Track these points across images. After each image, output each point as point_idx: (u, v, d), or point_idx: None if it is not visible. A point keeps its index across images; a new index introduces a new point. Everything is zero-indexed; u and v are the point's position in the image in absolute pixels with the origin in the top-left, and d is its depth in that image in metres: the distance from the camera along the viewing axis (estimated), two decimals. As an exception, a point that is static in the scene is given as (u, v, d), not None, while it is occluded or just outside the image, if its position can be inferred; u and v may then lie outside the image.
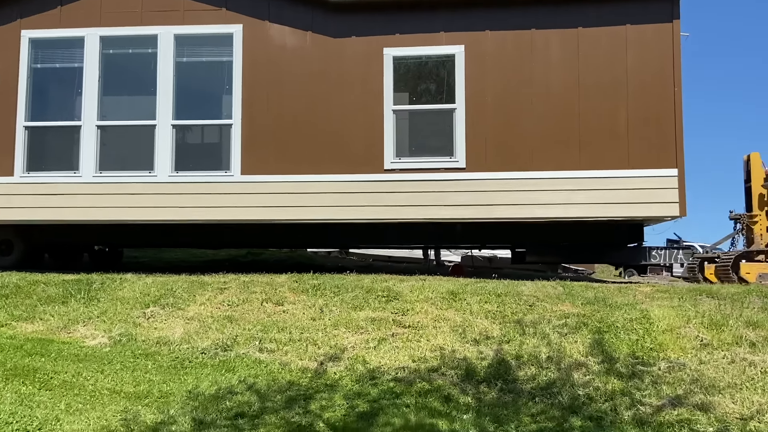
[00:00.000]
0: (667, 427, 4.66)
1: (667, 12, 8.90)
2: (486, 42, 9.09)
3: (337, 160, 9.03)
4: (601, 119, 8.89)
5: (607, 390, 5.21)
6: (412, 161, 9.04)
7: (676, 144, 8.77)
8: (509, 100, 9.03)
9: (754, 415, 4.79)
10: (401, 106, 9.18)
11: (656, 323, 6.32)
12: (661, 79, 8.85)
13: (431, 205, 8.88)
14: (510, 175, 8.87)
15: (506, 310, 6.76)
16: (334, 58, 9.19)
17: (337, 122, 9.10)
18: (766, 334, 6.00)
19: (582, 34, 9.00)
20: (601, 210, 8.80)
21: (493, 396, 5.20)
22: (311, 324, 6.53)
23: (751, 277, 10.17)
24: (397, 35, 9.19)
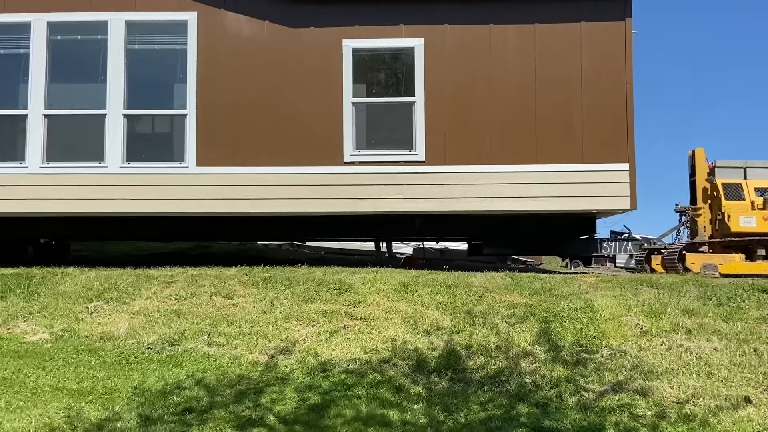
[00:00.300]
0: (608, 412, 4.83)
1: (619, 10, 9.13)
2: (445, 36, 9.12)
3: (296, 152, 8.91)
4: (556, 114, 9.05)
5: (552, 377, 5.36)
6: (371, 154, 9.01)
7: (627, 139, 9.01)
8: (468, 94, 9.09)
9: (690, 398, 5.02)
10: (361, 99, 9.15)
11: (599, 312, 6.53)
12: (613, 75, 9.06)
13: (391, 198, 8.88)
14: (469, 168, 8.95)
15: (457, 302, 6.86)
16: (293, 48, 9.06)
17: (296, 114, 8.99)
18: (701, 322, 6.28)
19: (539, 30, 9.13)
20: (556, 203, 8.98)
21: (444, 385, 5.28)
22: (262, 317, 6.47)
23: (696, 268, 10.58)
24: (357, 27, 9.12)
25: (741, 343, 5.83)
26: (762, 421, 4.70)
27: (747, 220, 10.82)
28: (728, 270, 10.36)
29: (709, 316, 6.41)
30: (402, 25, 9.12)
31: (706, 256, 10.91)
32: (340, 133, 8.96)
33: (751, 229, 10.80)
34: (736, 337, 5.96)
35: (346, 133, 8.96)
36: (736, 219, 10.84)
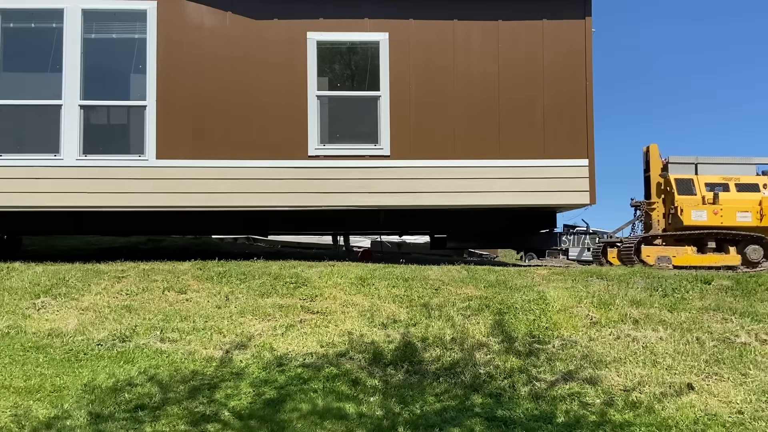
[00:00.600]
0: (559, 401, 4.96)
1: (579, 9, 9.31)
2: (410, 31, 9.13)
3: (260, 145, 8.81)
4: (519, 110, 9.19)
5: (506, 368, 5.47)
6: (336, 148, 8.98)
7: (587, 135, 9.21)
8: (433, 89, 9.14)
9: (636, 386, 5.19)
10: (325, 92, 9.12)
11: (551, 304, 6.69)
12: (574, 73, 9.24)
13: (356, 193, 8.87)
14: (434, 163, 9.03)
15: (413, 294, 6.91)
16: (256, 40, 8.94)
17: (259, 107, 8.88)
18: (647, 312, 6.50)
19: (502, 27, 9.22)
20: (519, 198, 9.13)
21: (400, 378, 5.33)
22: (216, 312, 6.39)
23: (651, 260, 10.91)
24: (321, 20, 9.06)
25: (684, 332, 6.06)
26: (703, 407, 4.90)
27: (698, 214, 11.21)
28: (681, 262, 10.75)
29: (655, 307, 6.64)
30: (367, 19, 9.10)
31: (660, 248, 11.25)
32: (305, 127, 8.90)
33: (702, 223, 11.21)
34: (680, 326, 6.19)
35: (311, 127, 8.90)
36: (688, 213, 11.23)
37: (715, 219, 11.16)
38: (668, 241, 11.49)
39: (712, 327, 6.17)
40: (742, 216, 11.17)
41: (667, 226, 11.65)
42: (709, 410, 4.85)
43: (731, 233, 11.18)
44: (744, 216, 11.16)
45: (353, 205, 8.99)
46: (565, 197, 9.24)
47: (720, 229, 11.18)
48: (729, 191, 11.42)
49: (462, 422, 4.54)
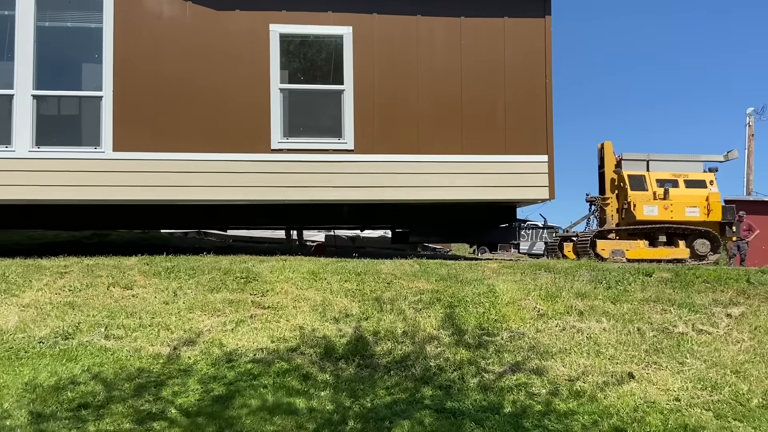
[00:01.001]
0: (507, 392, 5.07)
1: (539, 8, 9.49)
2: (373, 25, 9.13)
3: (222, 138, 8.70)
4: (481, 106, 9.30)
5: (456, 360, 5.55)
6: (300, 142, 8.92)
7: (546, 132, 9.41)
8: (397, 84, 9.17)
9: (580, 376, 5.35)
10: (289, 85, 9.03)
11: (501, 296, 6.82)
12: (534, 70, 9.42)
13: (320, 187, 8.84)
14: (398, 158, 9.06)
15: (365, 289, 6.93)
16: (217, 31, 8.81)
17: (221, 99, 8.76)
18: (592, 304, 6.70)
19: (464, 23, 9.31)
20: (481, 192, 9.27)
21: (351, 372, 5.34)
22: (164, 308, 6.26)
23: (606, 253, 11.25)
24: (284, 12, 8.97)
25: (626, 323, 6.28)
26: (643, 395, 5.10)
27: (650, 209, 11.62)
28: (634, 255, 11.13)
29: (599, 299, 6.85)
30: (330, 12, 9.06)
31: (614, 242, 11.59)
32: (268, 120, 8.82)
33: (653, 218, 11.62)
34: (623, 317, 6.41)
35: (274, 120, 8.83)
36: (640, 208, 11.62)
37: (665, 214, 11.59)
38: (622, 235, 11.86)
39: (652, 318, 6.40)
40: (691, 211, 11.65)
41: (621, 220, 12.03)
42: (648, 398, 5.04)
43: (681, 227, 11.63)
44: (692, 211, 11.64)
45: (317, 200, 8.97)
46: (525, 192, 9.44)
47: (670, 223, 11.62)
48: (678, 187, 11.88)
49: (412, 415, 4.59)
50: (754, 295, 6.86)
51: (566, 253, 12.03)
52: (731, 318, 6.34)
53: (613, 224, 12.02)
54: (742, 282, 7.21)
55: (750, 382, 5.26)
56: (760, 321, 6.26)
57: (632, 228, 11.76)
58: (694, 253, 11.54)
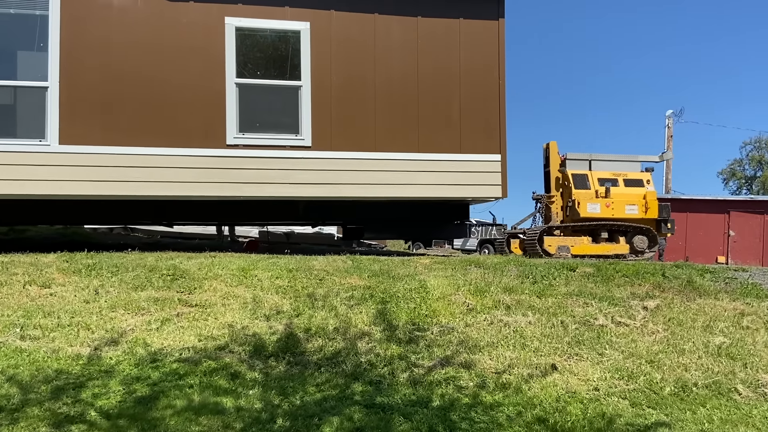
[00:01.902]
0: (436, 385, 5.15)
1: (493, 11, 9.69)
2: (331, 22, 9.10)
3: (176, 132, 8.49)
4: (437, 106, 9.43)
5: (387, 355, 5.59)
6: (256, 137, 8.81)
7: (500, 132, 9.64)
8: (354, 81, 9.17)
9: (506, 368, 5.50)
10: (245, 80, 8.88)
11: (432, 292, 6.92)
12: (488, 72, 9.62)
13: (277, 183, 8.76)
14: (355, 155, 9.09)
15: (297, 285, 6.88)
16: (170, 22, 8.59)
17: (175, 93, 8.56)
18: (518, 298, 6.90)
19: (421, 23, 9.39)
20: (437, 190, 9.41)
21: (281, 369, 5.28)
22: (84, 307, 6.00)
23: (552, 249, 11.62)
24: (240, 5, 8.85)
25: (551, 317, 6.50)
26: (565, 385, 5.29)
27: (593, 207, 12.09)
28: (578, 251, 11.56)
29: (525, 293, 7.06)
30: (287, 7, 8.99)
31: (560, 239, 11.97)
32: (223, 115, 8.68)
33: (596, 215, 12.10)
34: (547, 311, 6.63)
35: (229, 115, 8.70)
36: (584, 206, 12.06)
37: (607, 211, 12.10)
38: (566, 231, 12.27)
39: (574, 311, 6.66)
40: (630, 209, 12.20)
41: (565, 218, 12.44)
42: (570, 388, 5.24)
43: (621, 224, 12.14)
44: (632, 209, 12.19)
45: (273, 196, 8.90)
46: (479, 190, 9.64)
47: (611, 220, 12.12)
48: (618, 186, 12.42)
49: (341, 411, 4.59)
50: (669, 289, 7.25)
51: (513, 250, 12.38)
52: (647, 310, 6.67)
53: (558, 221, 12.42)
54: (658, 276, 7.61)
55: (663, 371, 5.56)
56: (673, 313, 6.62)
57: (576, 225, 12.19)
58: (633, 249, 12.07)
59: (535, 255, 11.05)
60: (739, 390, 5.27)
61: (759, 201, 19.77)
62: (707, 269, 8.06)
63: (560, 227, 12.21)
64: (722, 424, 4.69)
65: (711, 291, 7.16)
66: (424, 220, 10.67)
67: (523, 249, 12.17)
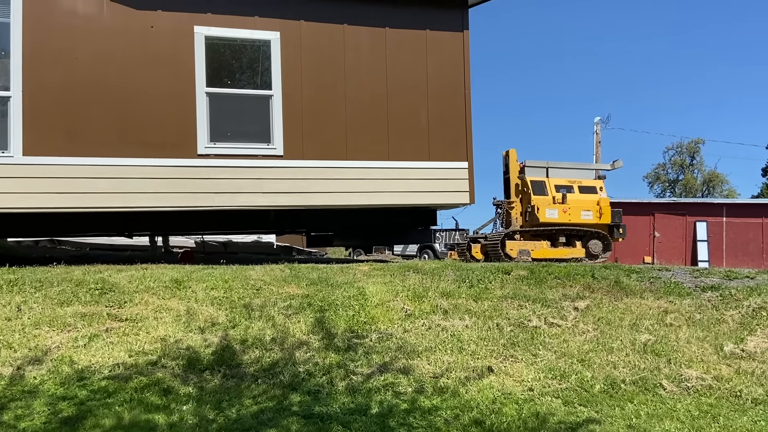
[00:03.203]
0: (374, 392, 5.15)
1: (458, 22, 9.89)
2: (301, 32, 9.11)
3: (145, 143, 8.32)
4: (406, 114, 9.55)
5: (325, 364, 5.56)
6: (228, 147, 8.72)
7: (467, 139, 9.83)
8: (325, 91, 9.20)
9: (444, 372, 5.57)
10: (215, 89, 8.75)
11: (370, 299, 6.93)
12: (454, 81, 9.80)
13: (249, 193, 8.70)
14: (327, 163, 9.10)
15: (233, 296, 6.75)
16: (138, 31, 8.42)
17: (144, 103, 8.38)
18: (456, 302, 7.01)
19: (389, 34, 9.51)
20: (407, 198, 9.52)
21: (216, 383, 5.17)
22: (5, 325, 5.69)
23: (514, 253, 11.92)
24: (210, 14, 8.75)
25: (487, 320, 6.63)
26: (500, 387, 5.40)
27: (551, 212, 12.49)
28: (538, 255, 11.89)
29: (462, 297, 7.17)
30: (257, 17, 8.96)
31: (521, 243, 12.27)
32: (194, 125, 8.55)
33: (554, 220, 12.49)
34: (483, 314, 6.76)
35: (200, 125, 8.58)
36: (543, 211, 12.42)
37: (564, 217, 12.51)
38: (526, 236, 12.57)
39: (509, 313, 6.81)
40: (586, 214, 12.67)
41: (524, 223, 12.77)
42: (506, 390, 5.35)
43: (577, 229, 12.55)
44: (587, 214, 12.67)
45: (246, 206, 8.82)
46: (448, 197, 9.80)
47: (569, 225, 12.55)
48: (574, 192, 12.84)
49: (279, 422, 4.52)
50: (598, 289, 7.52)
51: (474, 254, 12.64)
52: (578, 311, 6.91)
53: (518, 226, 12.73)
54: (588, 277, 7.88)
55: (593, 370, 5.76)
56: (602, 313, 6.88)
57: (536, 230, 12.52)
58: (589, 253, 12.54)
59: (497, 259, 11.35)
60: (664, 385, 5.52)
61: (681, 203, 20.85)
62: (633, 269, 8.41)
63: (520, 232, 12.54)
64: (649, 418, 4.90)
65: (637, 290, 7.48)
66: (393, 226, 10.86)
67: (485, 253, 12.46)
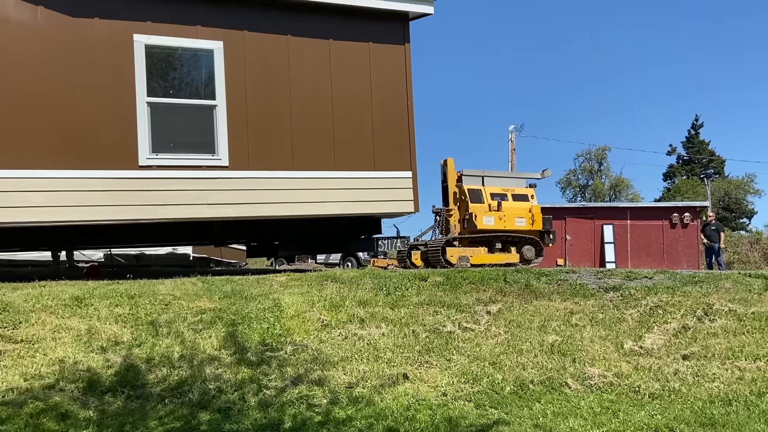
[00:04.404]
0: (288, 406, 5.06)
1: (400, 36, 10.02)
2: (245, 42, 8.99)
3: (83, 154, 7.98)
4: (352, 125, 9.57)
5: (237, 380, 5.41)
6: (171, 158, 8.46)
7: (410, 150, 9.95)
8: (271, 101, 9.11)
9: (359, 381, 5.55)
10: (157, 99, 8.45)
11: (286, 310, 6.82)
12: (397, 93, 9.92)
13: (194, 204, 8.50)
14: (273, 174, 9.02)
15: (140, 312, 6.46)
16: (75, 39, 8.06)
17: (82, 112, 8.02)
18: (372, 311, 7.01)
19: (333, 46, 9.51)
20: (353, 207, 9.51)
21: (119, 405, 4.92)
22: None
23: (454, 259, 12.11)
24: (149, 23, 8.47)
25: (403, 327, 6.68)
26: (415, 394, 5.44)
27: (488, 220, 12.78)
28: (477, 261, 12.18)
29: (379, 305, 7.19)
30: (199, 26, 8.76)
31: (461, 249, 12.47)
32: (134, 135, 8.25)
33: (491, 227, 12.79)
34: (400, 321, 6.80)
35: (141, 136, 8.28)
36: (480, 218, 12.68)
37: (500, 224, 12.85)
38: (464, 243, 12.77)
39: (425, 320, 6.89)
40: (519, 221, 13.08)
41: (463, 230, 12.99)
42: (420, 396, 5.40)
43: (512, 235, 12.91)
44: (521, 221, 13.07)
45: (191, 218, 8.58)
46: (394, 206, 9.89)
47: (504, 232, 12.88)
48: (508, 200, 13.22)
49: (186, 443, 4.36)
50: (509, 293, 7.75)
51: (414, 261, 12.78)
52: (491, 314, 7.08)
53: (456, 233, 12.93)
54: (500, 281, 8.10)
55: (504, 372, 5.91)
56: (513, 315, 7.08)
57: (474, 236, 12.78)
58: (523, 258, 12.93)
59: (438, 265, 11.56)
60: (569, 384, 5.75)
61: (590, 207, 21.87)
62: (543, 272, 8.73)
63: (459, 239, 12.77)
64: (555, 417, 5.07)
65: (546, 293, 7.76)
66: (338, 235, 10.87)
67: (425, 260, 12.64)
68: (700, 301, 7.31)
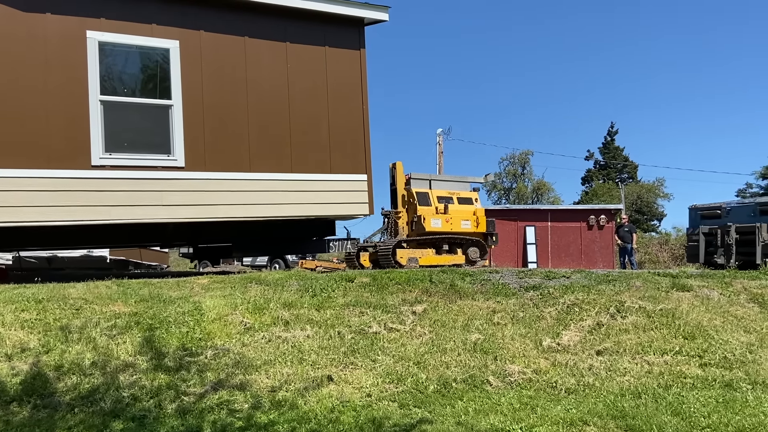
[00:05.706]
0: (207, 412, 4.91)
1: (355, 41, 10.03)
2: (201, 42, 8.80)
3: (33, 153, 7.65)
4: (308, 127, 9.52)
5: (153, 386, 5.20)
6: (125, 158, 8.19)
7: (365, 152, 9.98)
8: (227, 102, 8.97)
9: (282, 385, 5.46)
10: (111, 98, 8.13)
11: (207, 313, 6.63)
12: (353, 96, 9.91)
13: (148, 205, 8.26)
14: (229, 175, 8.90)
15: (48, 318, 6.10)
16: (25, 34, 7.71)
17: (32, 109, 7.68)
18: (297, 313, 6.92)
19: (290, 49, 9.47)
20: (309, 209, 9.50)
21: (25, 415, 4.63)
22: None
23: (404, 261, 12.12)
24: (103, 20, 8.15)
25: (328, 329, 6.63)
26: (339, 395, 5.41)
27: (435, 222, 12.92)
28: (425, 262, 12.28)
29: (305, 307, 7.11)
30: (155, 25, 8.50)
31: (410, 251, 12.50)
32: (87, 134, 7.95)
33: (438, 229, 12.93)
34: (325, 323, 6.75)
35: (94, 135, 7.98)
36: (428, 221, 12.79)
37: (447, 226, 13.03)
38: (413, 244, 12.80)
39: (351, 321, 6.87)
40: (465, 224, 13.32)
41: (411, 232, 13.04)
42: (344, 397, 5.37)
43: (458, 237, 13.08)
44: (466, 224, 13.32)
45: (145, 219, 8.28)
46: (349, 208, 9.91)
47: (451, 234, 13.02)
48: (454, 203, 13.39)
49: (96, 454, 4.14)
50: (435, 293, 7.85)
51: (362, 262, 12.74)
52: (416, 315, 7.14)
53: (405, 235, 12.95)
54: (426, 282, 8.19)
55: (428, 371, 5.97)
56: (438, 315, 7.17)
57: (422, 238, 12.87)
58: (468, 259, 13.15)
59: (388, 266, 11.57)
60: (490, 381, 5.87)
61: (513, 210, 22.51)
62: (468, 273, 8.90)
63: (408, 241, 12.83)
64: (476, 414, 5.16)
65: (470, 292, 7.91)
66: (292, 237, 10.87)
67: (374, 261, 12.62)
68: (613, 299, 7.65)
